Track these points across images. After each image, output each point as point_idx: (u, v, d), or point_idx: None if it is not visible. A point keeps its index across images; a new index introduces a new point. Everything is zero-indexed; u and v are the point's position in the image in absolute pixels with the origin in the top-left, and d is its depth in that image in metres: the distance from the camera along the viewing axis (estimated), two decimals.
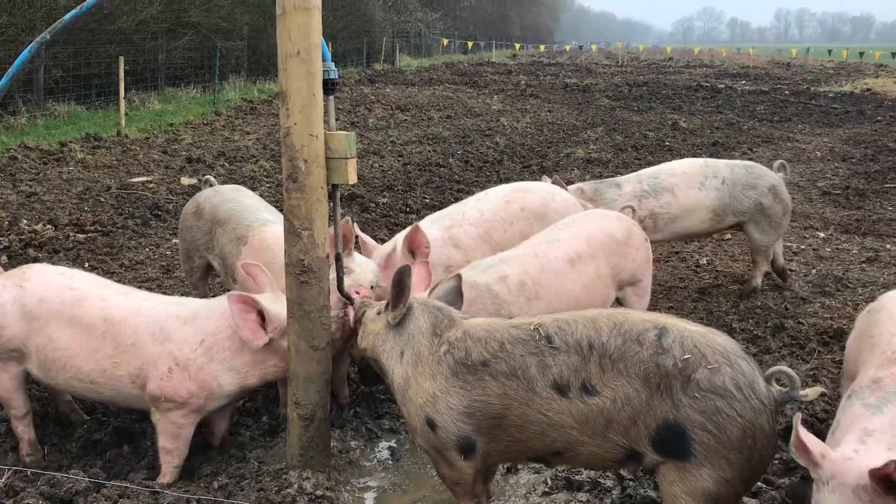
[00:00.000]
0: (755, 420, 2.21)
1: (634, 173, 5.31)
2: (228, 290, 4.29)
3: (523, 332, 2.48)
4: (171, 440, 3.05)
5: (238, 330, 2.92)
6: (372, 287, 3.34)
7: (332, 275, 3.11)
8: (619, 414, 2.30)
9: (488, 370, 2.47)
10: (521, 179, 8.78)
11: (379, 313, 2.84)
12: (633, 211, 4.18)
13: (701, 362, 2.24)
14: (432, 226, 3.94)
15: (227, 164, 9.31)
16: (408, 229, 4.02)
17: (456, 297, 2.93)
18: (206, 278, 4.47)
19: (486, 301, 3.32)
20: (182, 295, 4.48)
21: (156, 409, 3.02)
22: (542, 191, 4.29)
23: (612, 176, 9.12)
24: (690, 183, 5.06)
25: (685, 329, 2.32)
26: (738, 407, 2.20)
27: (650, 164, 9.78)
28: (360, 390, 3.93)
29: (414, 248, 3.54)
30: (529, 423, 2.43)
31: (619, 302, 3.90)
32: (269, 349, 3.00)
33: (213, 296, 4.59)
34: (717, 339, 2.31)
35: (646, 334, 2.31)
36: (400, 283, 2.71)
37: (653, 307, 4.74)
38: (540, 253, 3.57)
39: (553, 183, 4.80)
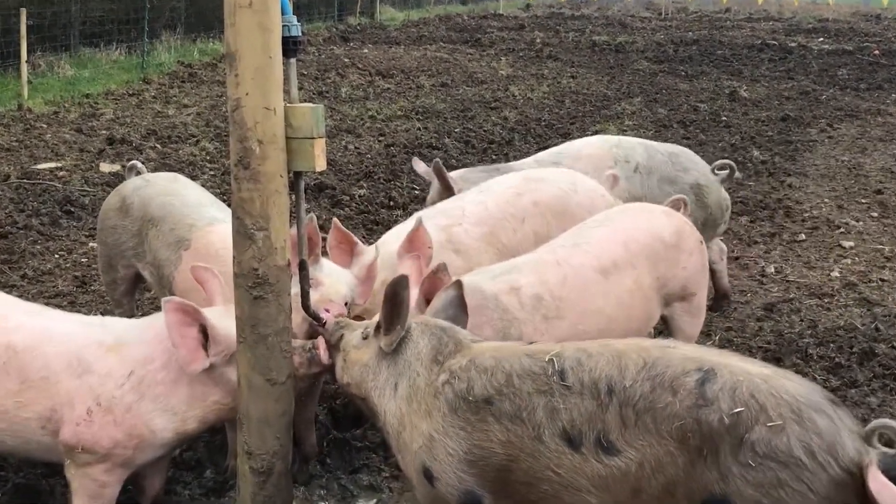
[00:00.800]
0: (836, 496, 2.13)
1: (532, 157, 5.32)
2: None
3: (537, 363, 2.49)
4: (90, 502, 3.04)
5: (174, 347, 2.92)
6: (346, 304, 3.35)
7: (295, 288, 3.11)
8: (648, 483, 2.28)
9: (491, 409, 2.48)
10: None
11: (365, 338, 2.84)
12: (685, 205, 4.19)
13: (758, 418, 2.19)
14: (426, 224, 3.97)
15: (158, 146, 9.32)
16: (398, 228, 4.03)
17: (458, 310, 2.93)
18: (134, 293, 4.47)
19: (492, 314, 3.34)
20: (103, 314, 4.46)
21: (71, 461, 3.01)
22: (560, 180, 4.32)
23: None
24: (599, 168, 5.04)
25: (740, 371, 2.28)
26: (810, 479, 2.13)
27: (701, 143, 9.81)
28: (332, 436, 3.93)
29: (414, 249, 3.56)
30: (539, 482, 2.43)
31: (664, 321, 3.90)
32: (211, 380, 3.01)
33: (143, 315, 4.58)
34: (787, 386, 2.26)
35: (683, 379, 2.29)
36: (395, 299, 2.71)
37: (706, 328, 4.76)
38: (563, 259, 3.58)
39: (434, 170, 4.81)
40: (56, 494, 3.50)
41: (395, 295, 2.71)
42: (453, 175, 5.02)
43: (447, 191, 4.86)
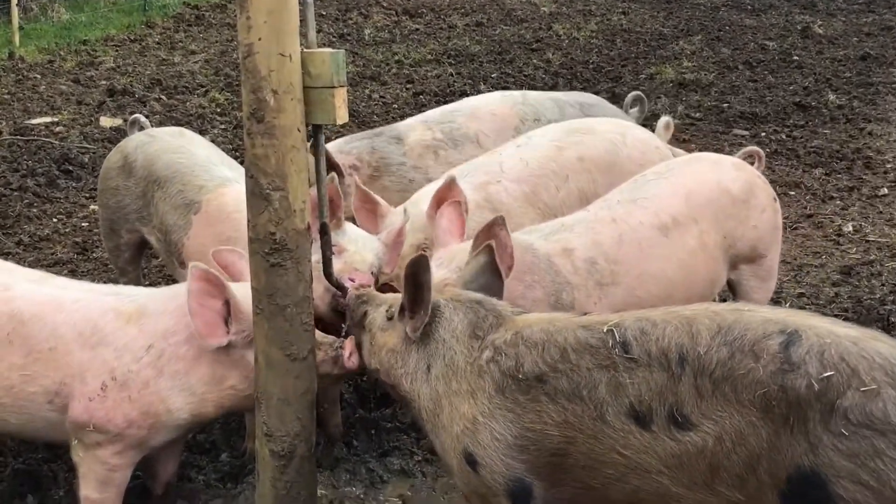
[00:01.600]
0: None
1: (418, 117, 5.24)
2: (172, 279, 4.33)
3: (594, 335, 2.50)
4: (99, 488, 3.09)
5: (190, 317, 2.96)
6: (373, 272, 3.36)
7: (316, 255, 3.13)
8: (728, 458, 2.29)
9: (545, 388, 2.50)
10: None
11: (390, 318, 2.86)
12: (760, 158, 4.17)
13: (850, 382, 2.20)
14: (460, 183, 3.97)
15: (164, 98, 9.36)
16: (429, 187, 4.03)
17: (491, 277, 2.94)
18: (140, 260, 4.51)
19: (544, 276, 3.38)
20: (106, 283, 4.51)
21: (79, 442, 3.06)
22: (607, 131, 4.31)
23: (710, 107, 9.03)
24: (502, 129, 4.95)
25: (826, 332, 2.29)
26: None
27: (770, 86, 9.68)
28: (359, 416, 3.96)
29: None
30: (602, 465, 2.45)
31: (731, 287, 3.90)
32: (230, 361, 3.04)
33: (149, 284, 4.63)
34: (879, 347, 2.26)
35: (765, 343, 2.29)
36: (416, 281, 2.71)
37: (776, 295, 4.72)
38: (620, 216, 3.58)
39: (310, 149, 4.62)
40: (59, 480, 3.56)
41: (414, 276, 2.70)
42: (334, 146, 4.85)
43: (333, 170, 4.66)
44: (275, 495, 3.05)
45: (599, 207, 3.68)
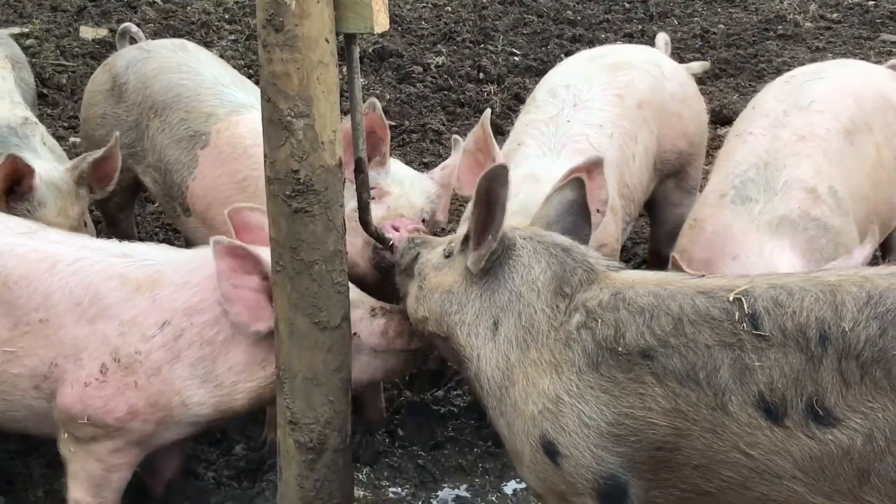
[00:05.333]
0: None
1: None
2: (172, 229, 4.35)
3: (716, 304, 2.49)
4: (92, 490, 3.13)
5: (225, 304, 2.98)
6: (424, 221, 3.35)
7: (353, 200, 3.13)
8: (881, 460, 2.29)
9: (651, 366, 2.50)
10: (703, 17, 8.61)
11: (448, 255, 2.87)
12: None
13: None
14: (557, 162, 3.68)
15: (158, 2, 9.37)
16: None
17: (578, 219, 2.95)
18: (132, 206, 4.55)
19: (819, 240, 3.35)
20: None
21: (70, 435, 3.10)
22: (645, 60, 4.17)
23: (852, 6, 8.86)
24: None
25: None
26: None
27: None
28: (405, 399, 3.98)
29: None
30: (720, 465, 2.46)
31: None
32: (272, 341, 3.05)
33: (140, 237, 4.66)
34: None
35: None
36: (489, 197, 2.69)
37: None
38: (805, 130, 3.54)
39: None
40: (35, 478, 3.62)
41: (488, 193, 2.69)
42: None
43: None
44: (301, 496, 3.09)
45: (768, 126, 3.63)
